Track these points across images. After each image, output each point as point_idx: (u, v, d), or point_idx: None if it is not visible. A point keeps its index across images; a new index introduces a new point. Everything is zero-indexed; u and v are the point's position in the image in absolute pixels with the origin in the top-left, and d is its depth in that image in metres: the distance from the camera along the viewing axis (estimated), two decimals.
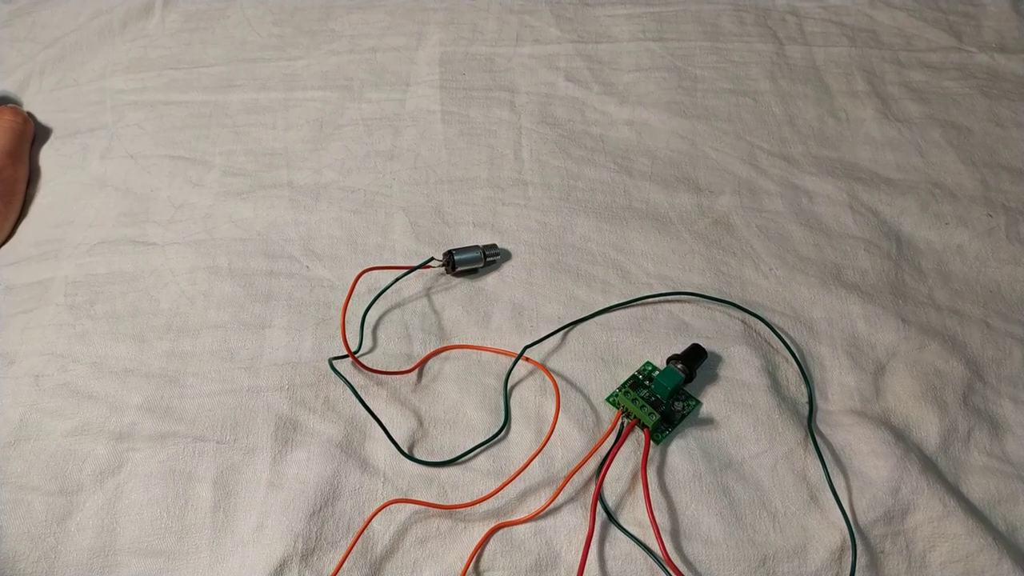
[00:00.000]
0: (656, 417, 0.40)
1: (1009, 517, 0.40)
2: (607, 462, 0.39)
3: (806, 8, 0.69)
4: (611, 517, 0.39)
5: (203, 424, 0.41)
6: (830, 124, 0.60)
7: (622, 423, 0.41)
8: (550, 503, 0.39)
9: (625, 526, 0.38)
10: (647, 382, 0.43)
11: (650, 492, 0.39)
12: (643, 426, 0.40)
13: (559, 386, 0.43)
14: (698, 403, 0.42)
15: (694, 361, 0.43)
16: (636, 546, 0.38)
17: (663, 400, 0.41)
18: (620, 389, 0.43)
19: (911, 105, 0.62)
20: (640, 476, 0.39)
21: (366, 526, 0.38)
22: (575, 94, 0.61)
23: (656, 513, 0.38)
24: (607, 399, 0.43)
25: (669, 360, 0.43)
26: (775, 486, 0.40)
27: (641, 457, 0.39)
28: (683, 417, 0.42)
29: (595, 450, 0.40)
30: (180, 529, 0.38)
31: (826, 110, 0.61)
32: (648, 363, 0.44)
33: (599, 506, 0.39)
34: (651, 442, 0.40)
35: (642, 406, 0.40)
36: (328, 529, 0.38)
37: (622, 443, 0.40)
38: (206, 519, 0.39)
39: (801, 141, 0.59)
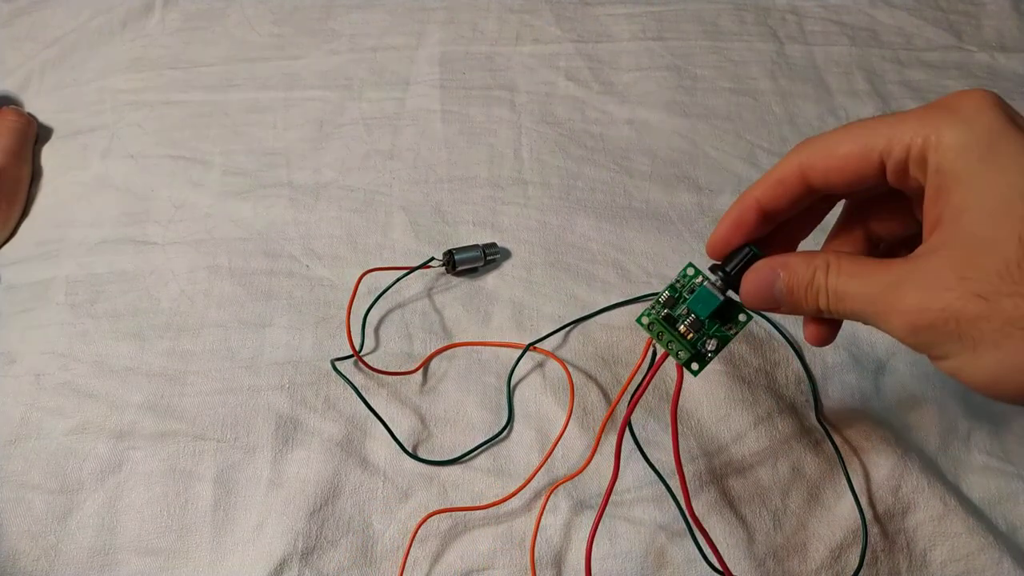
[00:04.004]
0: (688, 353, 0.33)
1: (1009, 516, 0.41)
2: (635, 397, 0.34)
3: (806, 7, 0.69)
4: (639, 447, 0.37)
5: (203, 423, 0.41)
6: (830, 123, 0.60)
7: (654, 350, 0.34)
8: (550, 494, 0.39)
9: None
10: (687, 294, 0.33)
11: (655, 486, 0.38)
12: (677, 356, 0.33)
13: (572, 376, 0.43)
14: (749, 318, 0.33)
15: (737, 265, 0.31)
16: (636, 543, 0.38)
17: (704, 320, 0.33)
18: (652, 310, 0.34)
19: (911, 104, 0.61)
20: (670, 418, 0.33)
21: (412, 542, 0.38)
22: (575, 93, 0.61)
23: (656, 512, 0.38)
24: (638, 319, 0.34)
25: (711, 268, 0.33)
26: (775, 484, 0.40)
27: (672, 397, 0.33)
28: (725, 344, 0.33)
29: (626, 386, 0.37)
30: (180, 527, 0.39)
31: (826, 109, 0.61)
32: (689, 265, 0.33)
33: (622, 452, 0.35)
34: (688, 374, 0.33)
35: (669, 342, 0.33)
36: (328, 528, 0.38)
37: (653, 374, 0.33)
38: (206, 518, 0.39)
39: (801, 140, 0.59)
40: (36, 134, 0.57)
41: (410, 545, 0.37)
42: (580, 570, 0.36)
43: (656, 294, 0.47)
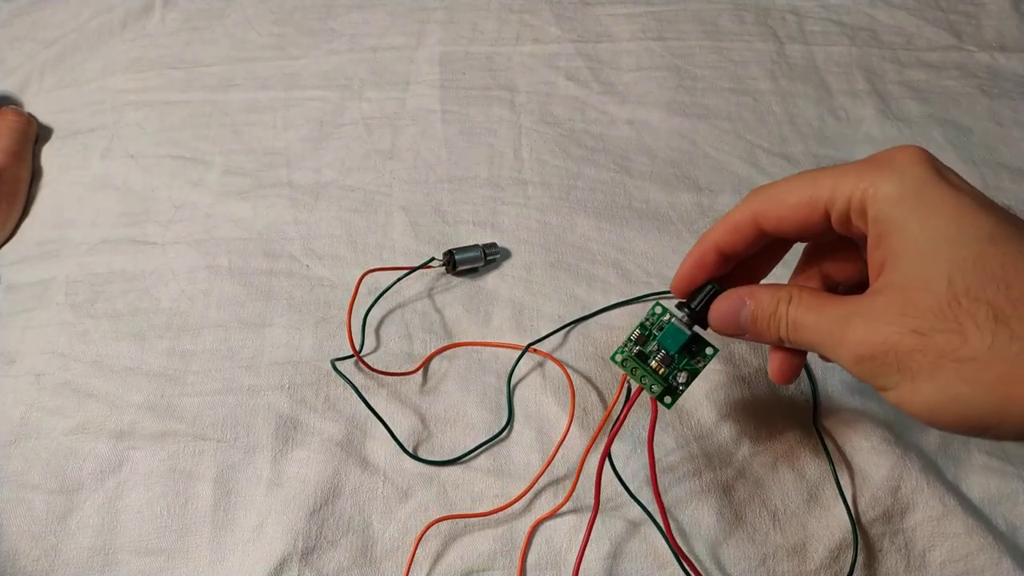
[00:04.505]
0: (661, 387, 0.35)
1: (1009, 516, 0.40)
2: (613, 431, 0.35)
3: (806, 7, 0.69)
4: (623, 483, 0.38)
5: (203, 423, 0.41)
6: (830, 123, 0.60)
7: (629, 386, 0.36)
8: (562, 505, 0.39)
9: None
10: (656, 331, 0.35)
11: (649, 490, 0.38)
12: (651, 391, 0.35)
13: (571, 378, 0.43)
14: (715, 351, 0.35)
15: (701, 301, 0.34)
16: (636, 542, 0.38)
17: (673, 355, 0.35)
18: (625, 347, 0.36)
19: (911, 104, 0.62)
20: (647, 450, 0.35)
21: (416, 548, 0.38)
22: (575, 93, 0.61)
23: (655, 513, 0.38)
24: (612, 357, 0.36)
25: (677, 306, 0.35)
26: (775, 484, 0.40)
27: (648, 428, 0.35)
28: (694, 376, 0.35)
29: (603, 423, 0.38)
30: (180, 527, 0.39)
31: (826, 109, 0.61)
32: (657, 304, 0.36)
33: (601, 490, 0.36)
34: (661, 408, 0.35)
35: (642, 376, 0.35)
36: (328, 528, 0.38)
37: (629, 408, 0.35)
38: (206, 517, 0.39)
39: (801, 140, 0.59)
40: (36, 134, 0.57)
41: (414, 552, 0.37)
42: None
43: (656, 293, 0.47)
